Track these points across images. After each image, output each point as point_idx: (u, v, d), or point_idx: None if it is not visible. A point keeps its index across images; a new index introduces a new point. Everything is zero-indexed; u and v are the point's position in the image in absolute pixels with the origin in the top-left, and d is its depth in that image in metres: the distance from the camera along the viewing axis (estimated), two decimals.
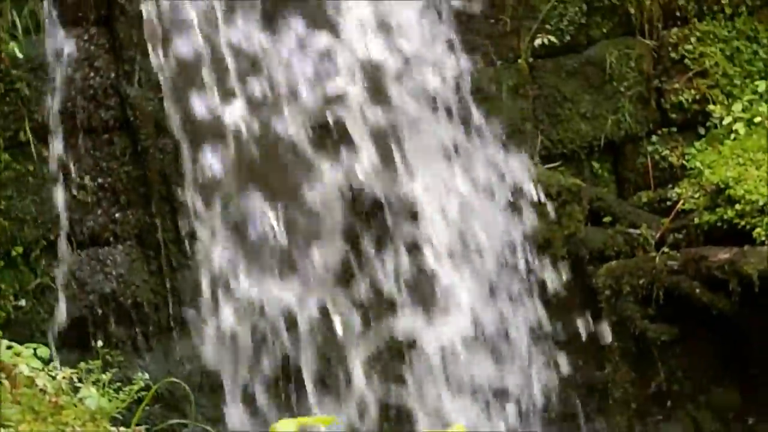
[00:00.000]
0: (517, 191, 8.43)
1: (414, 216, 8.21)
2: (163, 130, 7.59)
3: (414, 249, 8.14)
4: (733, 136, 8.58)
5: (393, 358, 8.18)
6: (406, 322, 8.16)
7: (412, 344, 8.18)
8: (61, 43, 7.37)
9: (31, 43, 7.24)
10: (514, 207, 8.45)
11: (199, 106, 7.58)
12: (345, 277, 8.06)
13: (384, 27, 8.12)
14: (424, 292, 8.18)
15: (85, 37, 7.47)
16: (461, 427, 2.86)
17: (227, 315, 7.76)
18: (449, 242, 8.22)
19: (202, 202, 7.70)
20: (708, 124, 8.80)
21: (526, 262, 8.50)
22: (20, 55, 7.09)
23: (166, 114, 7.57)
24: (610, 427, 8.77)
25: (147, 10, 7.49)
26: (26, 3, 7.18)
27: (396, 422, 8.19)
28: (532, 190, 8.44)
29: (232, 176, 7.71)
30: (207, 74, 7.62)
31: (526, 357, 8.49)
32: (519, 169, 8.42)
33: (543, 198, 8.44)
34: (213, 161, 7.66)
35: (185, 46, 7.58)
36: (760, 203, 8.07)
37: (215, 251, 7.74)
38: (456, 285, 8.22)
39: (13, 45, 7.03)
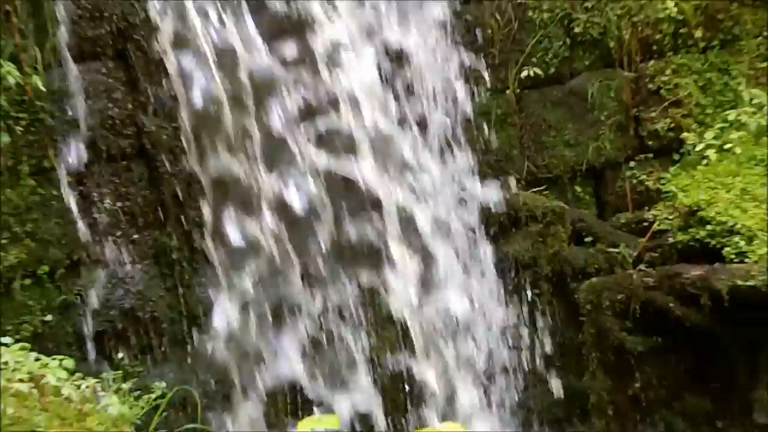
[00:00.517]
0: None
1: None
2: (177, 158, 7.62)
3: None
4: (705, 161, 8.71)
5: None
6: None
7: None
8: (81, 76, 7.39)
9: (52, 76, 7.26)
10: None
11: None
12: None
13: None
14: None
15: (104, 71, 7.50)
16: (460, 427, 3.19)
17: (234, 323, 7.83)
18: None
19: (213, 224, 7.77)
20: (682, 150, 8.94)
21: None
22: (43, 88, 7.12)
23: (182, 143, 7.59)
24: (596, 429, 8.84)
25: (162, 46, 7.53)
26: (48, 39, 7.22)
27: None
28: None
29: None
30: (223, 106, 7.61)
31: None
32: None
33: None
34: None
35: (201, 78, 7.55)
36: (730, 224, 8.21)
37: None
38: None
39: (36, 78, 7.07)
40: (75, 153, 7.43)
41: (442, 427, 3.26)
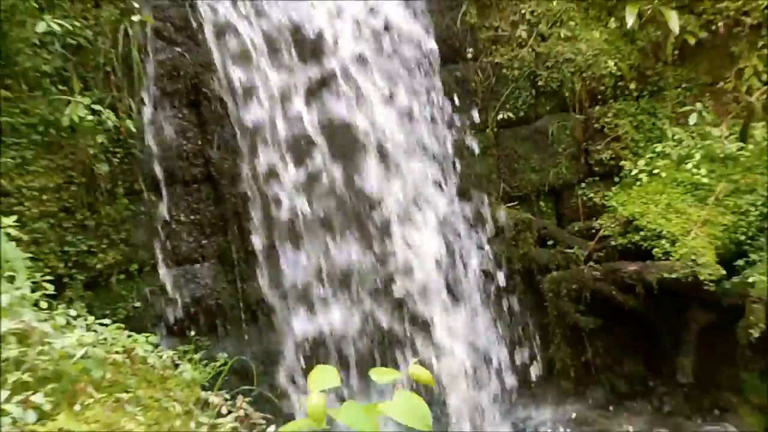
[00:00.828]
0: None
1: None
2: (236, 182, 7.59)
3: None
4: (638, 183, 8.70)
5: None
6: None
7: None
8: (163, 120, 7.39)
9: (141, 119, 7.25)
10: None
11: (262, 163, 7.62)
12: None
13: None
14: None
15: (180, 116, 7.47)
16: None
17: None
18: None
19: (264, 230, 7.71)
20: (621, 174, 8.91)
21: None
22: (134, 129, 7.14)
23: (239, 171, 7.57)
24: (557, 390, 8.90)
25: (228, 98, 7.50)
26: (137, 92, 7.21)
27: None
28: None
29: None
30: (269, 139, 7.62)
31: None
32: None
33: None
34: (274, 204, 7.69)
35: (252, 118, 7.57)
36: (658, 231, 8.24)
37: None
38: None
39: (128, 122, 7.09)
40: (158, 179, 7.42)
41: (411, 369, 3.09)
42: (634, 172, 8.78)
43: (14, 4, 6.72)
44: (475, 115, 8.59)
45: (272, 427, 4.97)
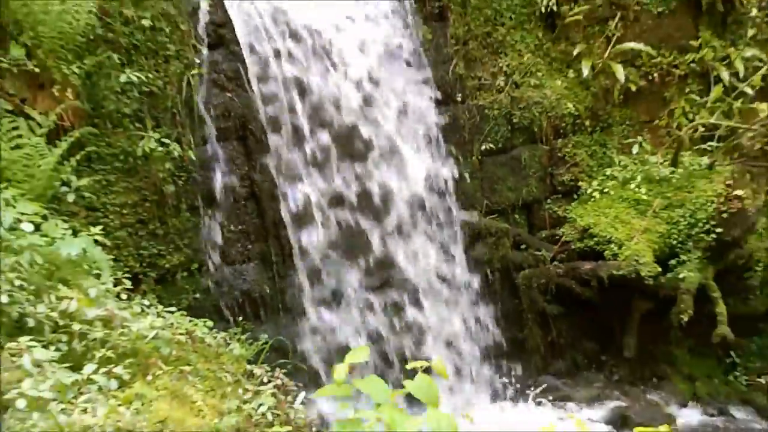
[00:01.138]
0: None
1: None
2: (275, 199, 7.58)
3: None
4: (592, 199, 8.65)
5: None
6: None
7: None
8: (218, 151, 7.39)
9: (201, 150, 7.28)
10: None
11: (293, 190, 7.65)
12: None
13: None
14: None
15: (230, 148, 7.45)
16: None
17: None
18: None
19: (298, 239, 7.69)
20: (579, 192, 8.86)
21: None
22: (194, 158, 7.17)
23: (277, 190, 7.56)
24: (529, 364, 8.79)
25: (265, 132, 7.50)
26: (197, 128, 7.23)
27: None
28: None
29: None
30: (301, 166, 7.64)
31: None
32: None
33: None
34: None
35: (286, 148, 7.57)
36: (608, 237, 8.22)
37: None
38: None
39: (190, 152, 7.12)
40: (213, 196, 7.41)
41: (433, 362, 3.15)
42: (589, 190, 8.73)
43: (102, 60, 6.81)
44: (463, 146, 8.53)
45: (303, 393, 4.95)
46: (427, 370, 3.05)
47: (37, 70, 6.39)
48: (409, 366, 3.05)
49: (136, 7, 7.03)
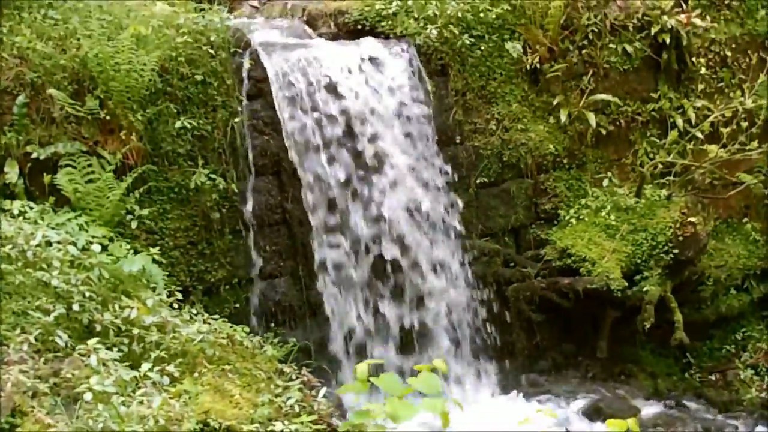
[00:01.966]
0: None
1: None
2: (306, 225, 7.57)
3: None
4: (570, 225, 8.55)
5: None
6: None
7: None
8: (255, 183, 7.42)
9: (242, 183, 7.33)
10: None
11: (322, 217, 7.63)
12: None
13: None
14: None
15: (266, 180, 7.45)
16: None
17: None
18: None
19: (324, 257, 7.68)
20: (559, 219, 8.71)
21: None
22: (236, 190, 7.22)
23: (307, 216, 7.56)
24: (516, 363, 8.67)
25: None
26: (240, 164, 7.30)
27: None
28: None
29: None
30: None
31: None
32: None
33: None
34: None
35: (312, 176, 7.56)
36: (583, 256, 8.19)
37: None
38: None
39: (233, 185, 7.15)
40: (251, 222, 7.46)
41: (434, 362, 3.13)
42: (567, 217, 8.66)
43: (161, 109, 6.96)
44: (461, 180, 8.46)
45: (324, 388, 4.95)
46: (431, 371, 3.06)
47: (108, 117, 6.63)
48: (416, 367, 3.08)
49: (191, 66, 7.12)
